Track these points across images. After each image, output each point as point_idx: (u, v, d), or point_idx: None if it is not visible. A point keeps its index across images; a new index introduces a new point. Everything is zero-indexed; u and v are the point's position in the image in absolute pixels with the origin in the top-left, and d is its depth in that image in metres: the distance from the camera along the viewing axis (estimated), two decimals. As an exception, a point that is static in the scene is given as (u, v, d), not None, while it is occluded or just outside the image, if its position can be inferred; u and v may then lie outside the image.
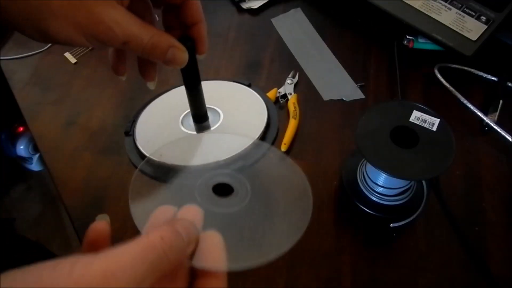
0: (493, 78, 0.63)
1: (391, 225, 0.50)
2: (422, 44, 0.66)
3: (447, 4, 0.65)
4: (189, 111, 0.43)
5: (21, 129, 1.29)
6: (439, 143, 0.45)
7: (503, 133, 0.56)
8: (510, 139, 0.55)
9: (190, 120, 0.44)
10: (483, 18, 0.65)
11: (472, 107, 0.58)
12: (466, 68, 0.64)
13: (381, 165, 0.43)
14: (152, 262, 0.22)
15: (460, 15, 0.65)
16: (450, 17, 0.64)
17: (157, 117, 0.47)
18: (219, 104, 0.46)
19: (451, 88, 0.60)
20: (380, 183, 0.49)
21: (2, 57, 0.69)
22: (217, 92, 0.47)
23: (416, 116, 0.46)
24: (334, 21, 0.72)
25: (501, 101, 0.60)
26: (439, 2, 0.65)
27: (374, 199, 0.50)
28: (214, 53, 0.68)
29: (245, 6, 0.73)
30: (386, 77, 0.65)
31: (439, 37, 0.63)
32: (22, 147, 1.30)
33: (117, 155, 0.57)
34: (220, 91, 0.48)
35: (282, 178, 0.40)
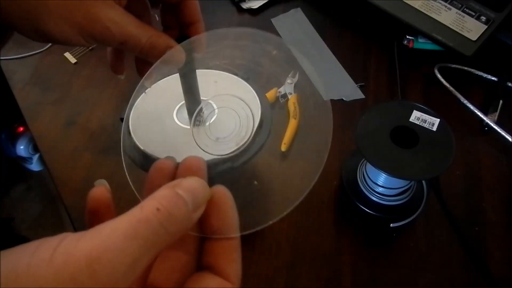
0: (493, 78, 0.63)
1: (391, 225, 0.50)
2: (422, 44, 0.66)
3: (447, 4, 0.65)
4: (184, 102, 0.43)
5: (21, 129, 1.29)
6: (439, 143, 0.45)
7: (503, 133, 0.56)
8: (510, 139, 0.55)
9: (185, 113, 0.44)
10: (483, 18, 0.65)
11: (472, 107, 0.58)
12: (466, 68, 0.64)
13: (381, 165, 0.43)
14: (146, 238, 0.19)
15: (460, 15, 0.65)
16: (450, 17, 0.64)
17: (152, 107, 0.46)
18: (214, 97, 0.45)
19: (451, 88, 0.60)
20: (380, 183, 0.49)
21: (2, 57, 0.69)
22: (213, 83, 0.46)
23: (416, 116, 0.46)
24: (334, 21, 0.72)
25: (501, 101, 0.60)
26: (439, 2, 0.65)
27: (374, 199, 0.50)
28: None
29: (245, 6, 0.73)
30: (386, 77, 0.65)
31: (439, 37, 0.63)
32: (22, 147, 1.29)
33: (117, 155, 0.57)
34: (217, 82, 0.47)
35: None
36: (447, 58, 0.64)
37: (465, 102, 0.58)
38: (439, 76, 0.61)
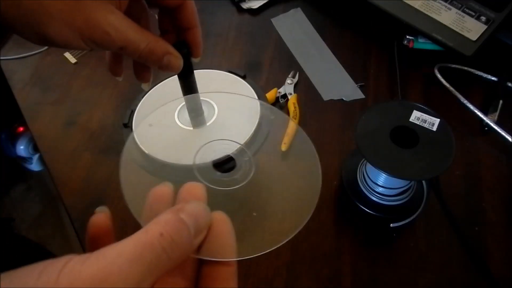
0: (493, 78, 0.63)
1: (391, 225, 0.50)
2: (422, 44, 0.66)
3: (447, 4, 0.65)
4: (185, 103, 0.43)
5: (21, 129, 1.30)
6: (439, 143, 0.45)
7: (503, 133, 0.56)
8: (510, 139, 0.55)
9: (186, 114, 0.44)
10: (483, 18, 0.65)
11: (472, 107, 0.58)
12: (466, 68, 0.64)
13: (381, 165, 0.43)
14: (150, 262, 0.20)
15: (460, 15, 0.65)
16: (450, 17, 0.64)
17: (154, 109, 0.46)
18: (213, 97, 0.45)
19: (451, 88, 0.60)
20: (380, 183, 0.49)
21: (2, 57, 0.69)
22: (211, 82, 0.47)
23: (416, 116, 0.46)
24: (334, 21, 0.72)
25: (501, 101, 0.60)
26: (439, 2, 0.65)
27: (374, 199, 0.50)
28: (214, 53, 0.68)
29: (245, 6, 0.73)
30: (386, 77, 0.65)
31: (439, 37, 0.63)
32: (22, 147, 1.30)
33: (117, 155, 0.56)
34: (214, 82, 0.47)
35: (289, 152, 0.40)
36: (447, 58, 0.64)
37: (465, 102, 0.58)
38: (439, 76, 0.61)
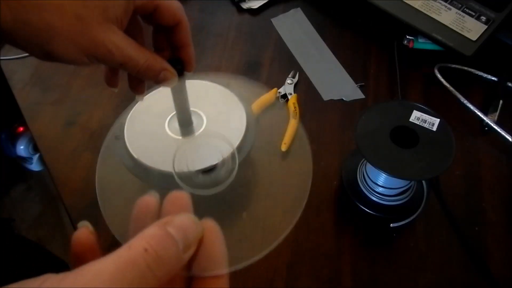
0: (493, 78, 0.63)
1: (391, 225, 0.50)
2: (422, 44, 0.66)
3: (447, 4, 0.65)
4: (175, 113, 0.44)
5: (21, 129, 1.29)
6: (439, 143, 0.45)
7: (503, 133, 0.56)
8: (510, 139, 0.55)
9: (176, 123, 0.45)
10: (483, 18, 0.65)
11: (472, 107, 0.58)
12: (466, 68, 0.64)
13: (381, 165, 0.43)
14: (132, 281, 0.19)
15: (460, 15, 0.65)
16: (450, 17, 0.64)
17: (145, 119, 0.47)
18: (201, 107, 0.46)
19: (451, 88, 0.60)
20: (380, 183, 0.49)
21: (2, 57, 0.69)
22: (197, 93, 0.47)
23: (416, 116, 0.46)
24: (334, 21, 0.72)
25: (501, 101, 0.60)
26: (439, 2, 0.66)
27: (374, 199, 0.50)
28: (214, 53, 0.68)
29: (245, 6, 0.73)
30: (386, 77, 0.65)
31: (439, 37, 0.63)
32: (22, 147, 1.30)
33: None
34: (199, 91, 0.48)
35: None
36: (447, 58, 0.64)
37: (465, 102, 0.58)
38: (439, 76, 0.61)
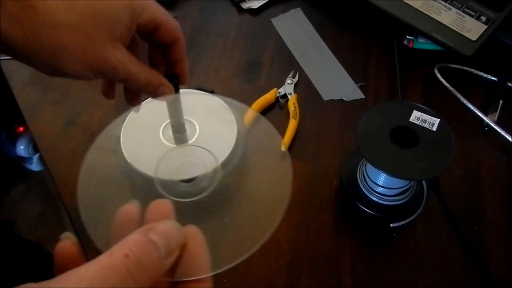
0: (493, 78, 0.63)
1: (391, 225, 0.50)
2: (422, 44, 0.66)
3: (447, 4, 0.65)
4: (169, 121, 0.45)
5: (21, 129, 1.29)
6: (439, 143, 0.45)
7: (503, 133, 0.56)
8: (510, 139, 0.55)
9: (170, 132, 0.46)
10: (483, 18, 0.65)
11: (472, 107, 0.58)
12: (466, 68, 0.64)
13: (381, 165, 0.43)
14: (113, 286, 0.19)
15: (460, 15, 0.65)
16: (450, 17, 0.64)
17: (140, 126, 0.48)
18: (194, 116, 0.47)
19: (451, 88, 0.60)
20: (380, 183, 0.49)
21: (2, 57, 0.69)
22: (191, 102, 0.48)
23: (416, 116, 0.46)
24: (334, 21, 0.72)
25: (501, 101, 0.60)
26: (439, 2, 0.66)
27: (374, 199, 0.50)
28: (214, 53, 0.68)
29: (245, 6, 0.73)
30: (386, 77, 0.65)
31: (439, 37, 0.63)
32: (22, 147, 1.29)
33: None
34: (193, 100, 0.49)
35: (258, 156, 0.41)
36: (447, 58, 0.64)
37: (465, 102, 0.58)
38: (439, 76, 0.61)
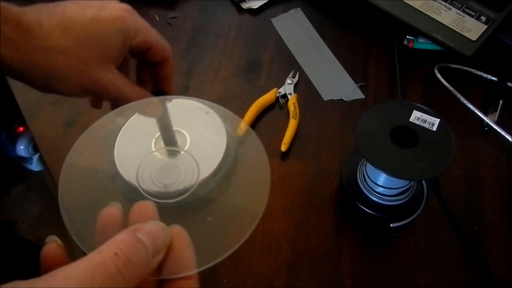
0: (493, 78, 0.63)
1: (391, 225, 0.50)
2: (422, 44, 0.66)
3: (447, 4, 0.65)
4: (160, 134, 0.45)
5: (21, 129, 1.29)
6: (439, 143, 0.45)
7: (503, 133, 0.56)
8: (510, 139, 0.55)
9: (162, 143, 0.45)
10: (483, 18, 0.65)
11: (472, 107, 0.58)
12: (466, 68, 0.64)
13: (381, 165, 0.43)
14: (102, 284, 0.19)
15: (460, 15, 0.65)
16: (450, 17, 0.64)
17: (133, 139, 0.47)
18: (183, 125, 0.46)
19: (451, 88, 0.60)
20: (380, 183, 0.49)
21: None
22: (181, 112, 0.48)
23: (416, 116, 0.46)
24: (334, 21, 0.72)
25: (501, 101, 0.60)
26: (439, 2, 0.66)
27: (374, 199, 0.50)
28: (214, 53, 0.68)
29: (245, 6, 0.73)
30: (386, 77, 0.65)
31: (439, 37, 0.63)
32: (22, 147, 1.29)
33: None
34: (184, 110, 0.48)
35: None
36: (447, 58, 0.64)
37: (465, 102, 0.58)
38: (439, 76, 0.61)
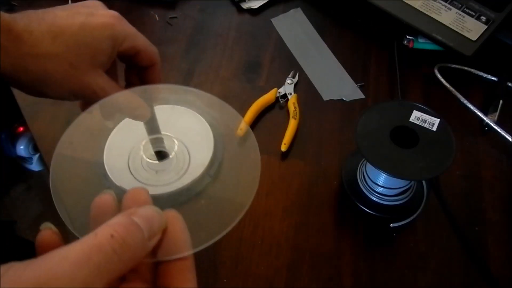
0: (493, 78, 0.63)
1: (391, 225, 0.50)
2: (422, 44, 0.66)
3: (447, 4, 0.66)
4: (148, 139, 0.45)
5: (21, 129, 1.29)
6: (439, 143, 0.45)
7: (503, 133, 0.56)
8: (510, 139, 0.55)
9: (150, 148, 0.45)
10: (483, 18, 0.65)
11: (472, 107, 0.58)
12: (466, 68, 0.64)
13: (381, 165, 0.43)
14: (99, 265, 0.19)
15: (460, 15, 0.65)
16: (450, 17, 0.64)
17: (123, 143, 0.47)
18: (170, 130, 0.46)
19: (451, 88, 0.60)
20: (380, 183, 0.49)
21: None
22: (169, 117, 0.47)
23: (416, 116, 0.47)
24: (334, 21, 0.72)
25: (501, 101, 0.60)
26: (439, 2, 0.66)
27: (374, 199, 0.50)
28: (214, 53, 0.68)
29: (245, 6, 0.73)
30: (386, 77, 0.65)
31: (439, 37, 0.63)
32: (22, 147, 1.29)
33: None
34: (171, 115, 0.48)
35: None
36: (447, 58, 0.64)
37: (465, 102, 0.58)
38: (439, 76, 0.61)
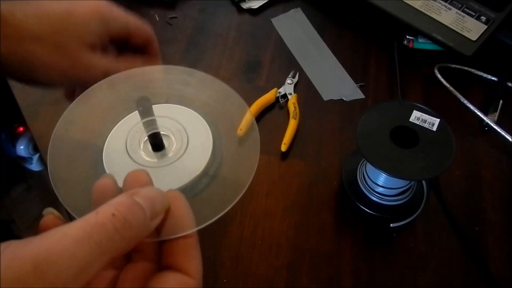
0: (493, 78, 0.63)
1: (391, 225, 0.50)
2: (422, 44, 0.66)
3: (447, 4, 0.65)
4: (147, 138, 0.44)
5: (21, 129, 1.29)
6: (439, 143, 0.45)
7: (503, 133, 0.56)
8: (510, 139, 0.55)
9: (149, 146, 0.45)
10: (483, 18, 0.65)
11: (472, 107, 0.58)
12: (466, 68, 0.64)
13: (381, 165, 0.43)
14: (100, 243, 0.19)
15: (460, 15, 0.65)
16: (450, 17, 0.64)
17: (121, 142, 0.47)
18: (168, 128, 0.46)
19: (451, 88, 0.60)
20: (380, 183, 0.49)
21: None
22: (168, 116, 0.48)
23: (416, 116, 0.46)
24: (334, 21, 0.72)
25: (501, 101, 0.60)
26: (439, 2, 0.66)
27: (374, 199, 0.50)
28: (214, 53, 0.68)
29: (245, 6, 0.73)
30: (386, 77, 0.65)
31: (439, 37, 0.63)
32: (22, 147, 1.29)
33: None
34: (169, 115, 0.48)
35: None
36: (447, 58, 0.64)
37: (465, 102, 0.58)
38: (439, 76, 0.61)
